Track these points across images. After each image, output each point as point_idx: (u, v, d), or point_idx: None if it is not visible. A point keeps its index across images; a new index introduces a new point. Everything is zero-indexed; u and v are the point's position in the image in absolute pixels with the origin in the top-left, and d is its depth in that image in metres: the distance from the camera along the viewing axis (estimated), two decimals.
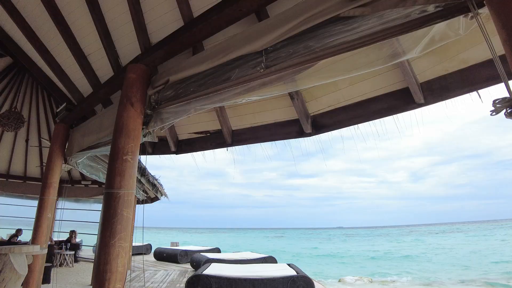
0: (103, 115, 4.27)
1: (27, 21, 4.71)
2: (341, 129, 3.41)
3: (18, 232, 10.81)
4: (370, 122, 3.32)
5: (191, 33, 2.99)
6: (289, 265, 7.67)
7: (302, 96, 3.41)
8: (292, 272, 6.45)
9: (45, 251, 4.56)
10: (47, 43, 4.85)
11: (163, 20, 3.54)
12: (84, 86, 4.98)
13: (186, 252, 12.53)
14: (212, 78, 2.81)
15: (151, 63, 3.44)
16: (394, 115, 3.22)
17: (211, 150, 4.60)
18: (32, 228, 4.91)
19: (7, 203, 13.07)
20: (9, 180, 12.34)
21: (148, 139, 3.39)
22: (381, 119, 3.27)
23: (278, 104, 3.64)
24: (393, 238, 57.33)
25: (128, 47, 3.98)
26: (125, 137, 3.04)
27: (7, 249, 2.71)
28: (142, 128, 3.24)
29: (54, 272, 7.78)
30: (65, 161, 5.15)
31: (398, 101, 3.17)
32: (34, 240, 4.99)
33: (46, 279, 6.79)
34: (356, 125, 3.38)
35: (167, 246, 13.32)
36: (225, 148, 4.07)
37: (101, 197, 11.55)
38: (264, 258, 10.23)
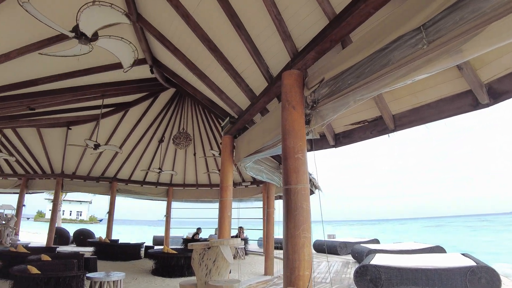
0: (264, 122, 4.78)
1: (187, 55, 5.64)
2: None
3: (199, 230, 12.84)
4: None
5: (339, 28, 3.08)
6: (463, 254, 6.92)
7: (470, 64, 3.08)
8: (471, 262, 5.80)
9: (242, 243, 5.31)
10: (205, 70, 5.70)
11: (306, 23, 3.72)
12: (241, 100, 5.66)
13: (345, 244, 12.64)
14: (369, 66, 2.83)
15: (303, 67, 3.68)
16: None
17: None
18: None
19: (184, 207, 15.71)
20: (185, 188, 14.81)
21: (310, 137, 3.64)
22: None
23: (442, 78, 3.37)
24: None
25: (276, 56, 4.34)
26: (293, 137, 3.36)
27: (218, 242, 3.34)
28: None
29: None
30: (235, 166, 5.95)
31: None
32: (220, 236, 5.89)
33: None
34: None
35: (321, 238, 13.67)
36: (387, 135, 3.99)
37: (259, 195, 12.75)
38: (431, 248, 9.50)
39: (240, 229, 13.36)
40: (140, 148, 12.74)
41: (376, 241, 12.78)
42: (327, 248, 12.48)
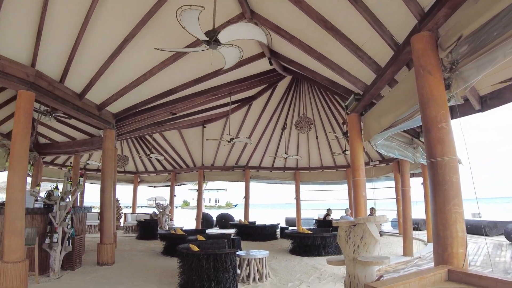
0: (394, 94, 4.49)
1: (303, 40, 5.66)
2: None
3: (329, 211, 12.91)
4: None
5: None
6: None
7: None
8: None
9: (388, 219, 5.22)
10: (322, 50, 5.64)
11: None
12: (365, 75, 5.44)
13: (495, 224, 11.04)
14: None
15: (434, 27, 3.31)
16: None
17: None
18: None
19: (309, 189, 16.03)
20: (311, 171, 15.09)
21: (452, 103, 3.28)
22: None
23: None
24: None
25: (399, 22, 4.00)
26: (434, 106, 3.08)
27: (364, 219, 3.36)
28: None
29: None
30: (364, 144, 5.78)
31: None
32: (356, 215, 5.84)
33: None
34: None
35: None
36: None
37: (389, 175, 12.09)
38: None
39: (372, 210, 12.91)
40: (266, 137, 13.56)
41: None
42: (472, 228, 11.03)
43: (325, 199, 15.62)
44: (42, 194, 6.52)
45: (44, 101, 6.11)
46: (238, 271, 5.45)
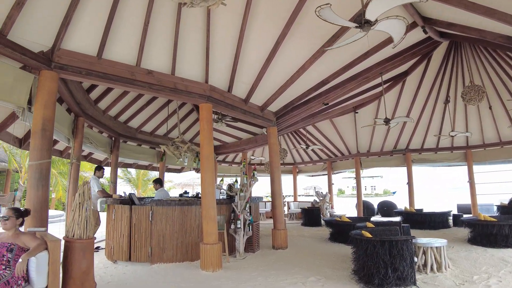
0: None
1: None
2: None
3: None
4: None
5: None
6: None
7: None
8: None
9: None
10: (488, 3, 4.84)
11: None
12: None
13: None
14: None
15: None
16: None
17: None
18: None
19: (484, 170, 13.70)
20: (485, 148, 12.96)
21: None
22: None
23: None
24: None
25: None
26: None
27: None
28: None
29: None
30: None
31: None
32: None
33: None
34: None
35: None
36: None
37: None
38: None
39: None
40: (427, 114, 12.34)
41: None
42: None
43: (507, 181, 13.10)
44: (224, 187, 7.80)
45: (218, 109, 7.27)
46: (416, 260, 5.25)
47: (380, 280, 4.55)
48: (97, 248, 7.37)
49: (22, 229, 3.75)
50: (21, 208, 3.76)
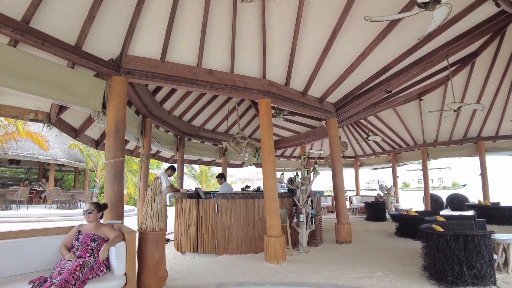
0: None
1: None
2: None
3: None
4: None
5: None
6: None
7: None
8: None
9: None
10: None
11: None
12: None
13: None
14: None
15: None
16: None
17: None
18: None
19: None
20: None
21: None
22: None
23: None
24: None
25: None
26: None
27: None
28: None
29: None
30: None
31: None
32: None
33: None
34: None
35: None
36: None
37: None
38: None
39: None
40: (501, 98, 11.10)
41: None
42: None
43: None
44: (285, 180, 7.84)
45: (277, 104, 7.31)
46: (495, 257, 4.84)
47: (454, 278, 4.26)
48: (167, 240, 7.86)
49: (102, 221, 4.16)
50: (100, 203, 4.17)
